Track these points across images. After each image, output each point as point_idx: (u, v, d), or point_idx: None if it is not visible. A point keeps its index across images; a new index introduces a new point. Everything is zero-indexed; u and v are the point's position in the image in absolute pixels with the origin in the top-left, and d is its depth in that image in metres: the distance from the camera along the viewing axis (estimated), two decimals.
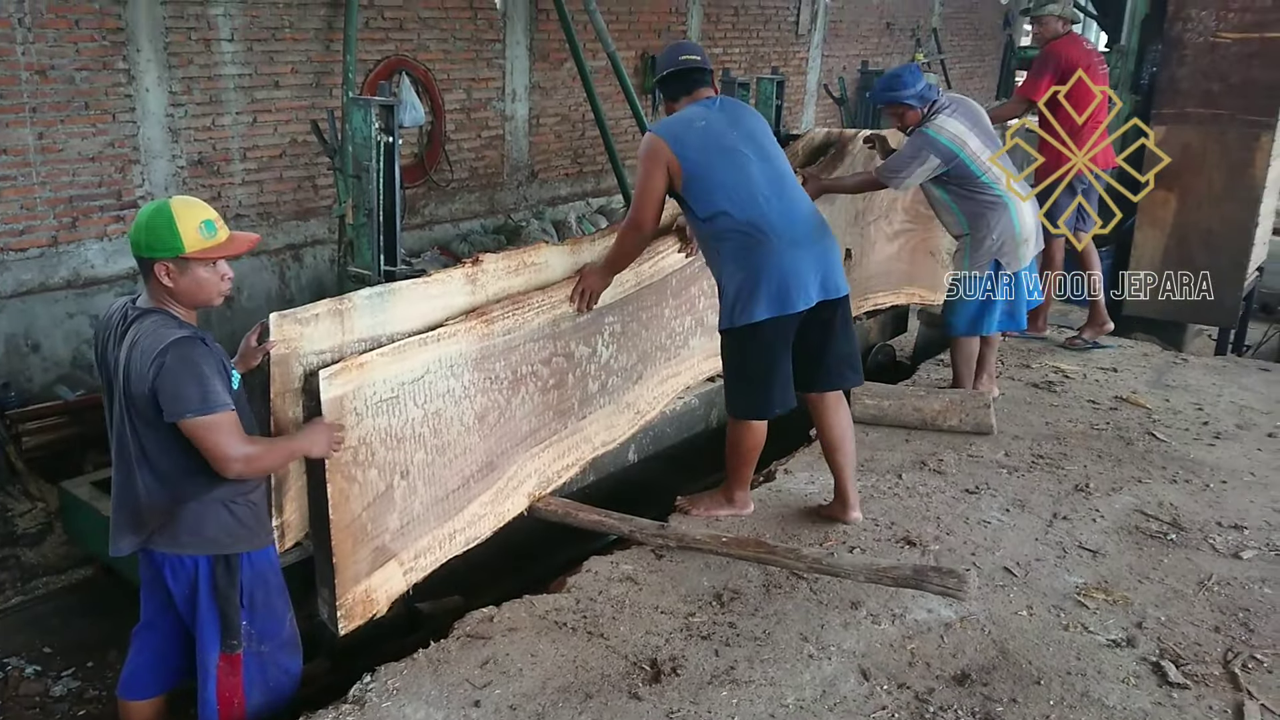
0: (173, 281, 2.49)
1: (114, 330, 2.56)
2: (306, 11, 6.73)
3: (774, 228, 3.33)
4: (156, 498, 2.54)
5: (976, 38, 15.10)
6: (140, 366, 2.43)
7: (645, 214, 3.44)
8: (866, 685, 2.84)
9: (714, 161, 3.36)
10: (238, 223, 6.68)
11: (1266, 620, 3.19)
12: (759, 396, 3.47)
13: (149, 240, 2.47)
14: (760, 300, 3.32)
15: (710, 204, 3.35)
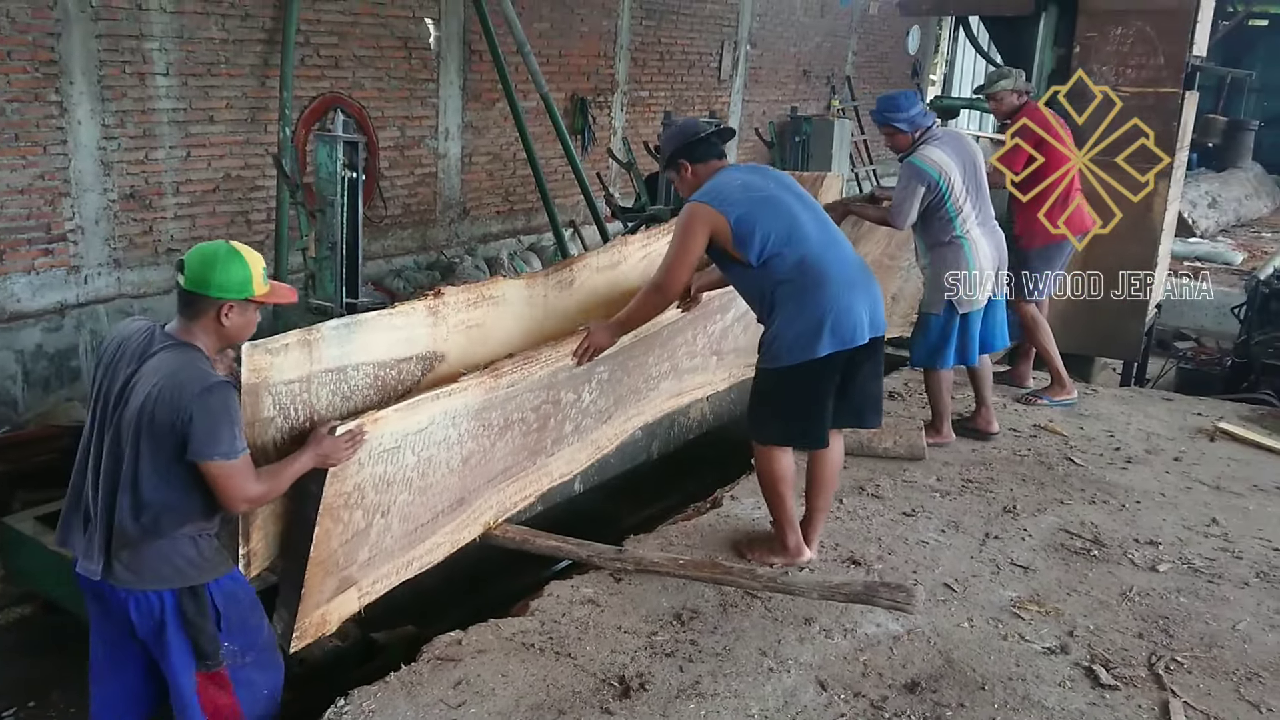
0: (229, 321, 2.58)
1: (133, 348, 2.57)
2: (243, 48, 6.76)
3: (829, 266, 3.44)
4: (129, 524, 2.53)
5: (887, 86, 15.73)
6: (175, 398, 2.44)
7: (676, 278, 3.48)
8: (825, 695, 2.98)
9: (760, 211, 3.43)
10: (169, 257, 6.63)
11: (1184, 626, 3.44)
12: (798, 428, 3.57)
13: (222, 280, 2.53)
14: (824, 336, 3.40)
15: (763, 249, 3.41)
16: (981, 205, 4.77)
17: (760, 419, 3.61)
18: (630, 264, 4.53)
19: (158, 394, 2.47)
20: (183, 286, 2.56)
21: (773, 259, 3.40)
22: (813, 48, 13.59)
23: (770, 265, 3.41)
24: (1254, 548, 4.04)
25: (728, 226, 3.39)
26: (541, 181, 8.04)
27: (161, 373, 2.49)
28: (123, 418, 2.52)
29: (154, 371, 2.50)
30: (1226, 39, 15.87)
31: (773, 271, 3.41)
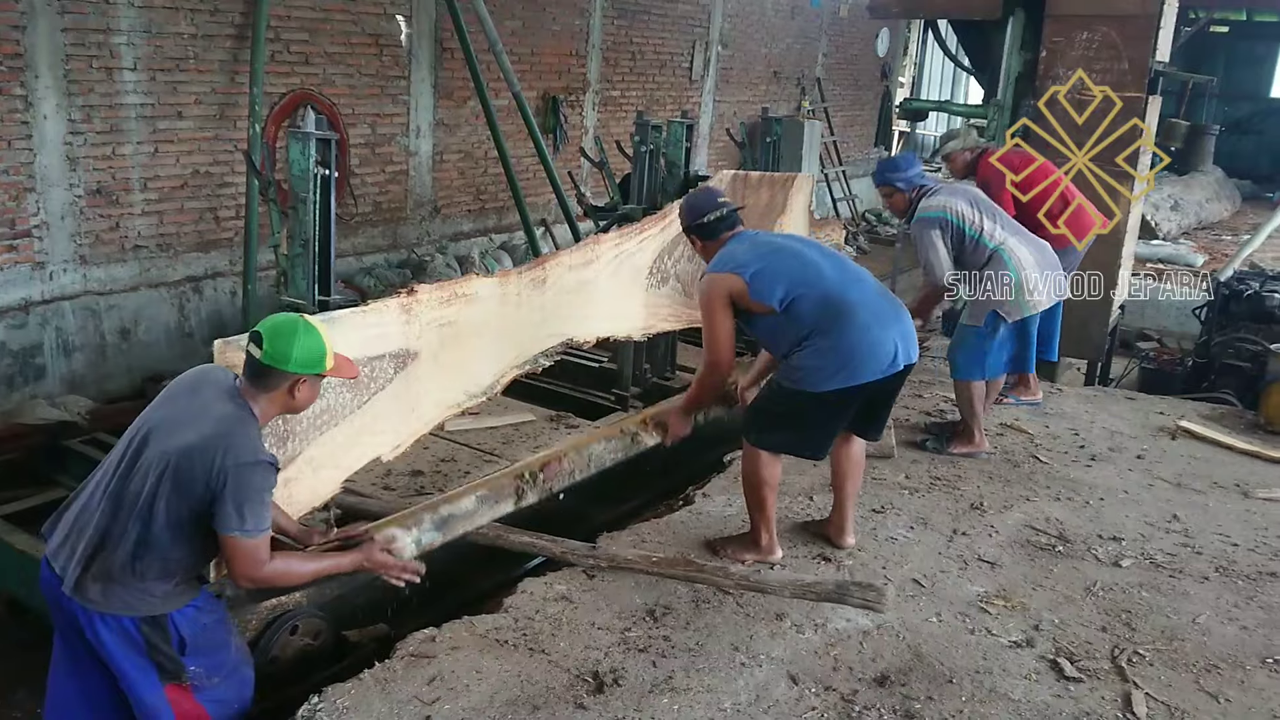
0: (300, 395, 2.66)
1: (214, 386, 2.62)
2: (212, 43, 6.70)
3: (854, 300, 3.51)
4: (120, 556, 2.52)
5: (856, 88, 15.87)
6: (218, 459, 2.46)
7: (721, 355, 3.66)
8: (796, 689, 3.02)
9: (773, 260, 3.58)
10: (136, 254, 6.57)
11: (1146, 620, 3.52)
12: (804, 442, 3.67)
13: (301, 357, 2.60)
14: (856, 366, 3.46)
15: (785, 294, 3.50)
16: (1003, 221, 4.81)
17: (763, 425, 3.67)
18: (603, 263, 4.55)
19: (202, 446, 2.48)
20: (260, 361, 2.59)
21: (796, 300, 3.50)
22: (783, 49, 13.67)
23: (795, 307, 3.50)
24: (1213, 543, 4.13)
25: (744, 284, 3.53)
26: (513, 180, 8.03)
27: (213, 427, 2.51)
28: (156, 450, 2.52)
29: (207, 421, 2.52)
30: (1188, 45, 16.13)
31: (800, 313, 3.50)
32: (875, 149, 16.85)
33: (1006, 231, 4.78)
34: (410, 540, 3.02)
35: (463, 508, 3.17)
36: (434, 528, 3.15)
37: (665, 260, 4.96)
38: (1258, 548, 4.12)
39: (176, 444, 2.51)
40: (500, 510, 3.30)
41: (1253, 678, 3.21)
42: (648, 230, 4.82)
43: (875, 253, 13.62)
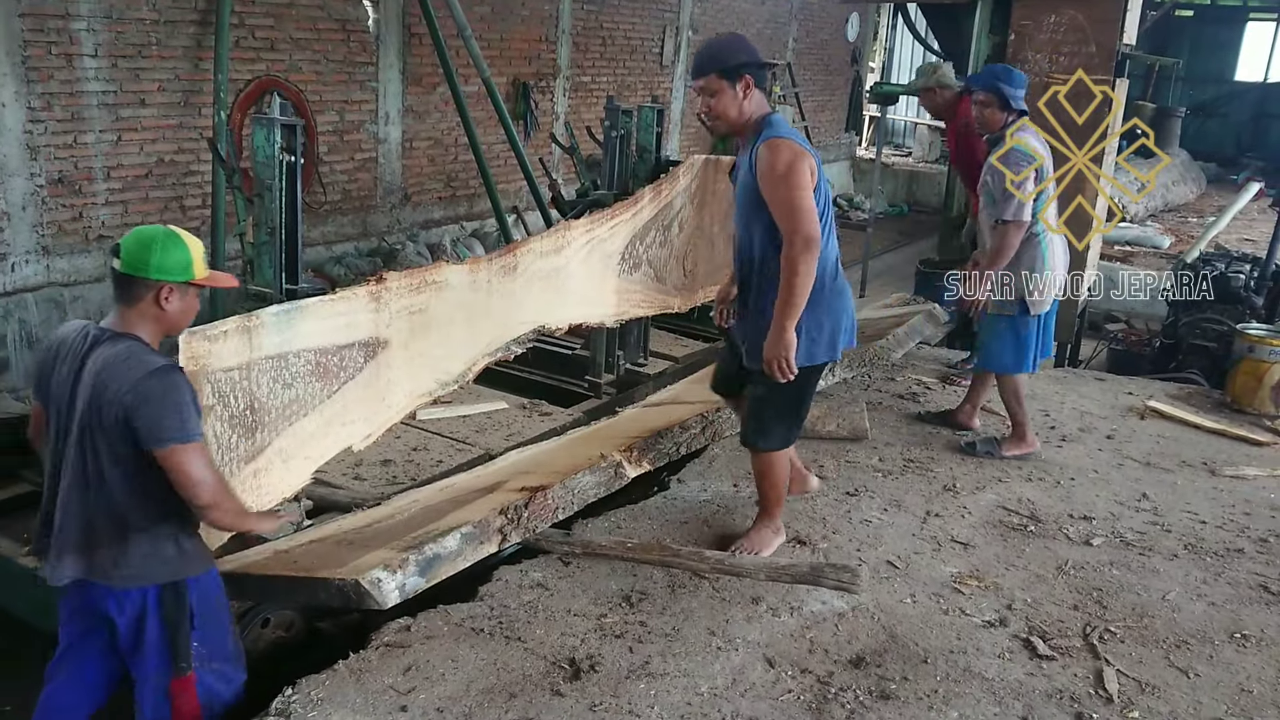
0: (169, 306, 2.51)
1: (72, 350, 2.52)
2: (175, 29, 6.60)
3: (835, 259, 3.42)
4: (109, 524, 2.51)
5: (827, 73, 15.89)
6: (117, 391, 2.40)
7: (815, 226, 3.17)
8: (772, 672, 3.03)
9: (820, 185, 3.29)
10: (100, 244, 6.46)
11: (1117, 598, 3.55)
12: (796, 428, 3.61)
13: (161, 262, 2.46)
14: (847, 332, 3.47)
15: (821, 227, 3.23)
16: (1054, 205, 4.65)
17: (771, 423, 3.51)
18: (574, 249, 4.53)
19: (95, 389, 2.43)
20: (119, 270, 2.48)
21: (824, 231, 3.24)
22: (753, 34, 13.63)
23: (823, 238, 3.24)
24: (1182, 521, 4.18)
25: (812, 179, 3.19)
26: (484, 167, 7.97)
27: (103, 367, 2.45)
28: (75, 419, 2.48)
29: (96, 367, 2.45)
30: (1154, 29, 16.27)
31: (825, 245, 3.26)
32: (846, 134, 16.90)
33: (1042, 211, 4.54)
34: (394, 585, 2.86)
35: (448, 546, 3.05)
36: (419, 572, 2.95)
37: (637, 246, 4.95)
38: (1225, 525, 4.17)
39: (83, 403, 2.46)
40: (484, 550, 3.17)
41: (1221, 652, 3.25)
42: (619, 216, 4.80)
43: (846, 237, 13.65)
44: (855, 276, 9.58)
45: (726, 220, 5.71)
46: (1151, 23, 15.68)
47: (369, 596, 2.81)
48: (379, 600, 2.83)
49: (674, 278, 5.31)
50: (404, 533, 3.23)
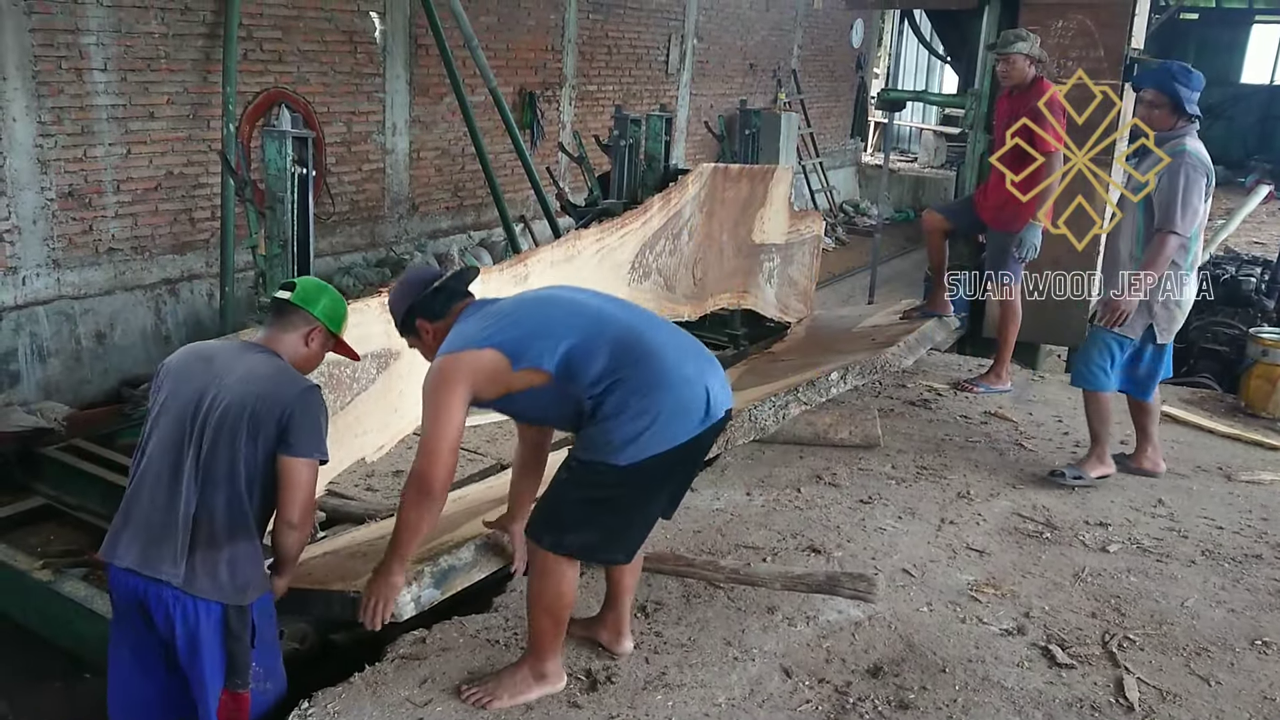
0: (311, 347, 2.76)
1: (224, 353, 2.70)
2: (183, 42, 6.62)
3: (652, 337, 2.77)
4: (217, 525, 2.56)
5: (832, 79, 15.89)
6: (279, 396, 2.57)
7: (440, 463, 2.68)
8: (790, 682, 3.01)
9: (533, 317, 2.78)
10: (110, 257, 6.48)
11: (1135, 605, 3.53)
12: (612, 538, 2.81)
13: (328, 308, 2.77)
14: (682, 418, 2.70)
15: (562, 351, 2.69)
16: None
17: (564, 521, 2.74)
18: (584, 258, 4.54)
19: (264, 391, 2.56)
20: (289, 299, 2.72)
21: (577, 355, 2.65)
22: (759, 41, 13.67)
23: (578, 364, 2.64)
24: (1199, 526, 4.16)
25: (497, 355, 2.65)
26: (491, 176, 7.98)
27: (261, 375, 2.61)
28: (215, 420, 2.55)
29: (251, 374, 2.59)
30: (1159, 32, 16.23)
31: (586, 369, 2.64)
32: (851, 140, 16.89)
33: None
34: (410, 598, 2.78)
35: (463, 558, 2.92)
36: (434, 584, 2.86)
37: (646, 255, 4.95)
38: (1242, 530, 4.14)
39: (233, 406, 2.55)
40: (499, 562, 3.10)
41: (1242, 660, 3.23)
42: (629, 225, 4.81)
43: (854, 244, 13.67)
44: (864, 282, 9.59)
45: (735, 228, 5.72)
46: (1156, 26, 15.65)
47: None
48: (395, 612, 2.81)
49: (684, 286, 5.31)
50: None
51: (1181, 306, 4.33)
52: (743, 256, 5.83)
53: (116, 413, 5.89)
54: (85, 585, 3.63)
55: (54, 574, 3.71)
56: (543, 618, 2.80)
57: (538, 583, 2.79)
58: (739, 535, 3.89)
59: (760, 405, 4.36)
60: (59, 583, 3.65)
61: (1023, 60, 5.10)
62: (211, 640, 2.59)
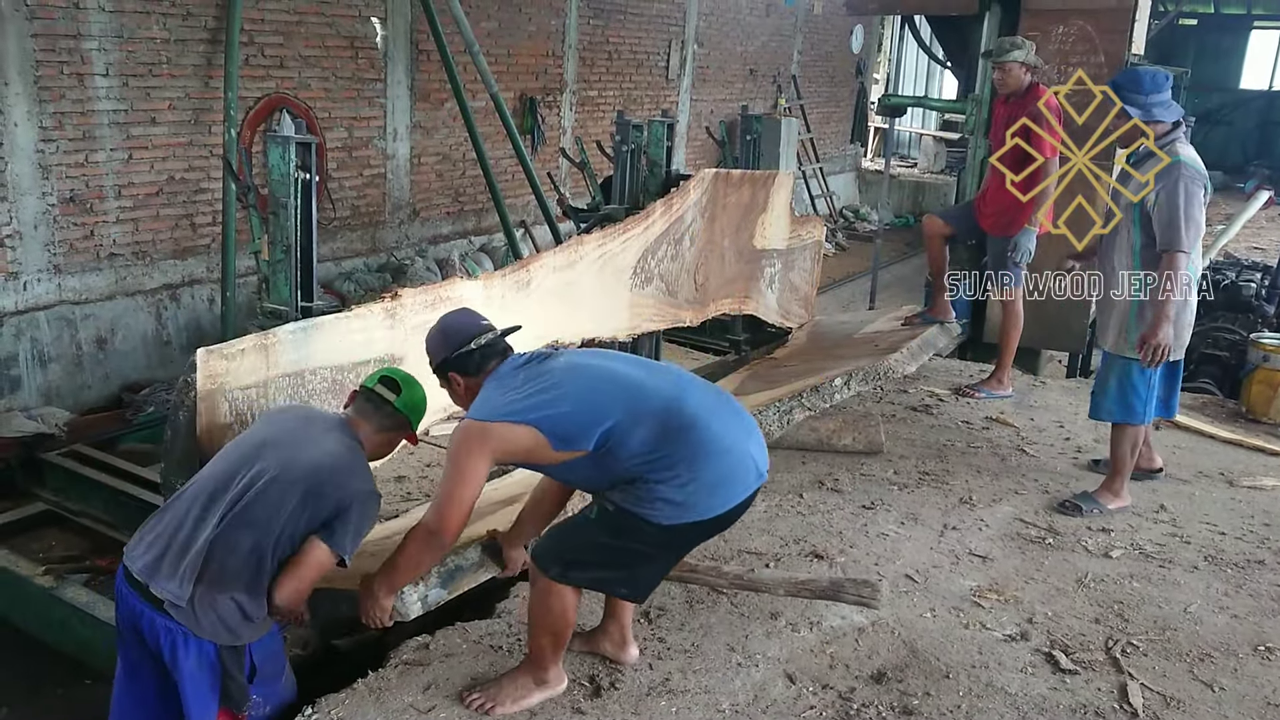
0: (387, 442, 2.88)
1: (325, 419, 2.82)
2: (185, 48, 6.63)
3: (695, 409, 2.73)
4: (232, 562, 2.55)
5: (832, 84, 15.92)
6: (348, 484, 2.63)
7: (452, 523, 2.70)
8: (794, 688, 3.01)
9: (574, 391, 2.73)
10: (111, 262, 6.48)
11: (1138, 610, 3.52)
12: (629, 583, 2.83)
13: (419, 418, 2.88)
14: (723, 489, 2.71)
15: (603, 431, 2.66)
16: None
17: (578, 558, 2.73)
18: (586, 263, 4.53)
19: (337, 468, 2.63)
20: (393, 405, 2.80)
21: (617, 434, 2.60)
22: (759, 47, 13.69)
23: (616, 442, 2.60)
24: (1201, 532, 4.16)
25: (534, 435, 2.61)
26: (492, 181, 7.99)
27: (345, 453, 2.69)
28: (276, 472, 2.59)
29: (330, 453, 2.66)
30: (1158, 38, 16.27)
31: (623, 446, 2.60)
32: (851, 145, 16.92)
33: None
34: (416, 597, 2.81)
35: (469, 558, 2.96)
36: (440, 584, 2.88)
37: (649, 260, 4.95)
38: (1245, 536, 4.14)
39: (307, 463, 2.61)
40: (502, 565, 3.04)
41: (1245, 665, 3.23)
42: (631, 230, 4.80)
43: (854, 249, 13.68)
44: (865, 288, 9.58)
45: (737, 234, 5.71)
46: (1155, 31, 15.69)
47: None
48: (402, 611, 2.82)
49: (686, 291, 5.31)
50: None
51: (1190, 320, 4.26)
52: (744, 262, 5.82)
53: (117, 418, 5.89)
54: (87, 591, 3.63)
55: (55, 580, 3.70)
56: (542, 636, 2.82)
57: (539, 605, 2.78)
58: (742, 541, 3.89)
59: (765, 410, 4.36)
60: (60, 589, 3.65)
61: (1018, 68, 5.14)
62: (201, 676, 2.60)
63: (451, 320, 2.90)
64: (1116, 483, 4.31)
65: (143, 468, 4.41)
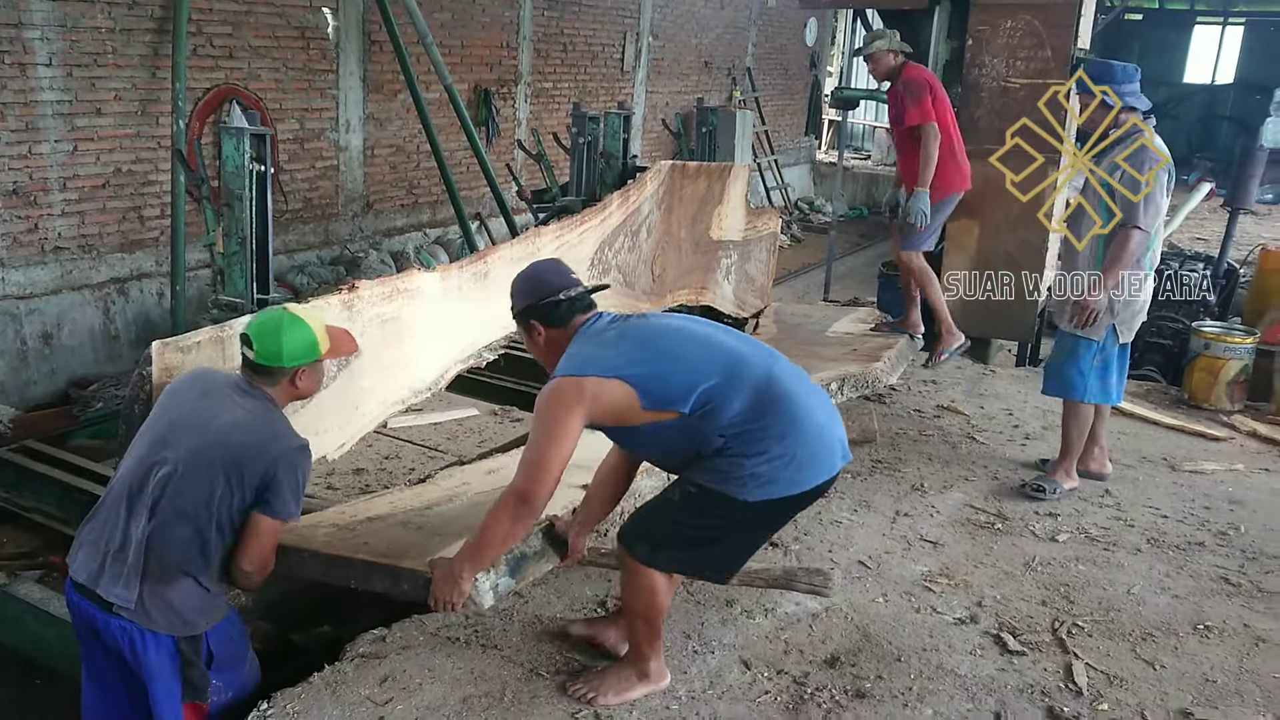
0: (303, 384, 2.68)
1: (220, 389, 2.64)
2: (131, 37, 6.51)
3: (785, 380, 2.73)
4: (175, 555, 2.53)
5: (787, 77, 16.00)
6: (270, 450, 2.54)
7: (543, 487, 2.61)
8: (749, 674, 3.05)
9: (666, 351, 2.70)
10: (56, 256, 6.36)
11: (1084, 592, 3.62)
12: (712, 564, 2.84)
13: (293, 351, 2.62)
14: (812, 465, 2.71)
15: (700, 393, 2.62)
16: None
17: (665, 538, 2.71)
18: (545, 255, 4.53)
19: (254, 441, 2.53)
20: (255, 361, 2.62)
21: (715, 398, 2.58)
22: (713, 39, 13.73)
23: (713, 407, 2.58)
24: (1144, 516, 4.27)
25: (626, 390, 2.56)
26: (446, 174, 7.95)
27: (252, 426, 2.56)
28: (192, 458, 2.53)
29: (241, 424, 2.55)
30: (1104, 32, 16.55)
31: (720, 412, 2.58)
32: (806, 137, 17.03)
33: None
34: (489, 585, 2.69)
35: (532, 546, 2.86)
36: (509, 571, 2.78)
37: (606, 251, 4.96)
38: (1186, 519, 4.26)
39: (217, 444, 2.53)
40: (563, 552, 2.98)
41: (1185, 644, 3.32)
42: (588, 222, 4.81)
43: (809, 241, 13.79)
44: (819, 279, 9.69)
45: (693, 225, 5.74)
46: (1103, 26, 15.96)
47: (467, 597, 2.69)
48: (476, 601, 2.68)
49: (643, 282, 5.33)
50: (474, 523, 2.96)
51: (1143, 306, 4.40)
52: (701, 253, 5.86)
53: (65, 414, 5.78)
54: (40, 588, 3.56)
55: (8, 577, 3.64)
56: (636, 622, 2.83)
57: (630, 590, 2.79)
58: None
59: None
60: (13, 586, 3.58)
61: (885, 55, 5.46)
62: (163, 669, 2.58)
63: (541, 268, 2.84)
64: (1066, 462, 4.45)
65: (96, 463, 4.34)
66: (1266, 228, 13.58)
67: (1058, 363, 4.48)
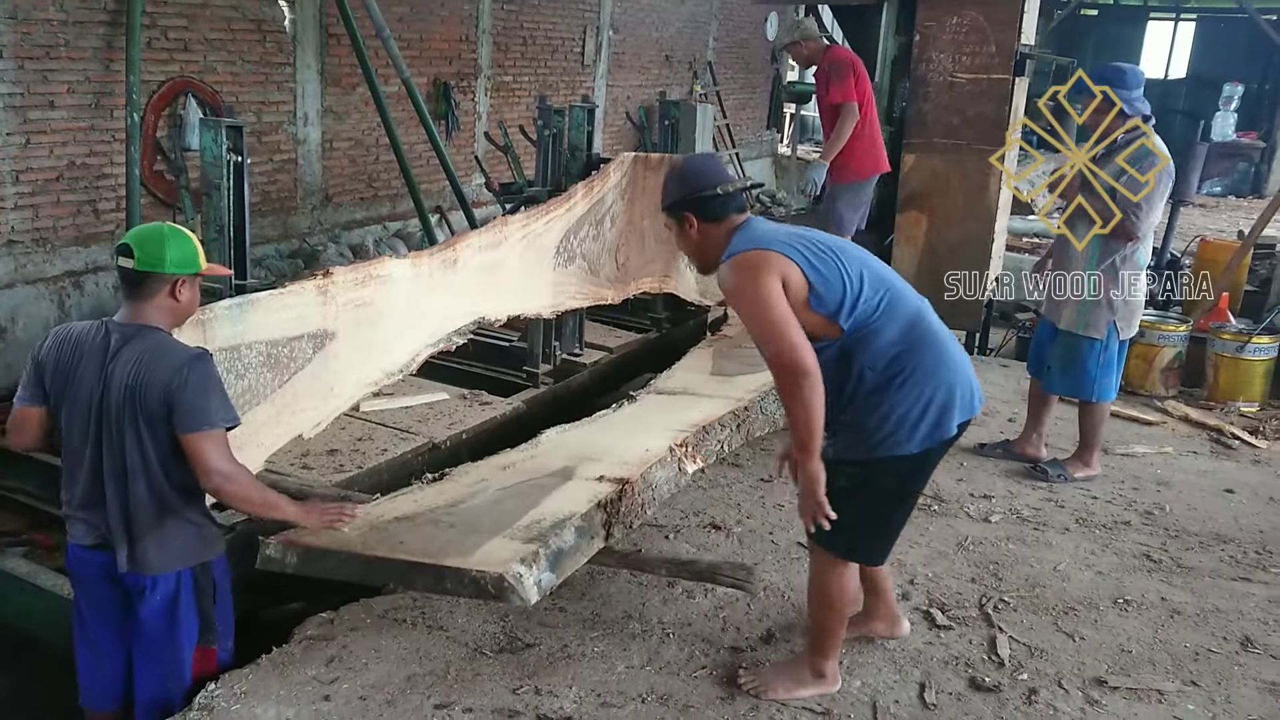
0: (182, 297, 2.65)
1: (93, 347, 2.59)
2: (84, 30, 6.49)
3: (934, 321, 2.81)
4: (150, 513, 2.61)
5: (747, 71, 16.11)
6: (160, 378, 2.53)
7: (795, 344, 2.57)
8: (686, 650, 3.17)
9: (832, 255, 2.72)
10: (10, 249, 6.34)
11: (1012, 570, 3.77)
12: (870, 539, 2.92)
13: (175, 256, 2.59)
14: (954, 410, 2.77)
15: (855, 307, 2.69)
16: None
17: (856, 532, 2.81)
18: (511, 243, 4.62)
19: (143, 377, 2.53)
20: (134, 268, 2.58)
21: (874, 322, 2.60)
22: (674, 33, 13.81)
23: (871, 331, 2.61)
24: (1075, 497, 4.43)
25: (800, 276, 2.56)
26: (406, 167, 7.98)
27: (139, 358, 2.55)
28: (110, 413, 2.56)
29: (131, 358, 2.55)
30: (1060, 27, 16.85)
31: (875, 338, 2.61)
32: (768, 131, 17.16)
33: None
34: (533, 581, 2.74)
35: (568, 541, 2.94)
36: (549, 566, 2.83)
37: (571, 240, 5.06)
38: (1114, 500, 4.43)
39: (120, 394, 2.54)
40: (595, 546, 3.08)
41: (1105, 617, 3.48)
42: (554, 212, 4.91)
43: None
44: None
45: (656, 215, 5.82)
46: (1058, 21, 16.24)
47: (512, 592, 2.69)
48: (523, 596, 2.70)
49: (607, 270, 5.43)
50: (505, 519, 3.11)
51: (1140, 303, 4.53)
52: (664, 243, 5.95)
53: None
54: (27, 562, 3.59)
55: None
56: (831, 620, 2.89)
57: (818, 581, 2.87)
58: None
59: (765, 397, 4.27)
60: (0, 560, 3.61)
61: (801, 45, 5.79)
62: (188, 604, 2.69)
63: (699, 162, 2.84)
64: (1086, 454, 4.63)
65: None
66: (1213, 219, 13.90)
67: (1063, 363, 4.56)
